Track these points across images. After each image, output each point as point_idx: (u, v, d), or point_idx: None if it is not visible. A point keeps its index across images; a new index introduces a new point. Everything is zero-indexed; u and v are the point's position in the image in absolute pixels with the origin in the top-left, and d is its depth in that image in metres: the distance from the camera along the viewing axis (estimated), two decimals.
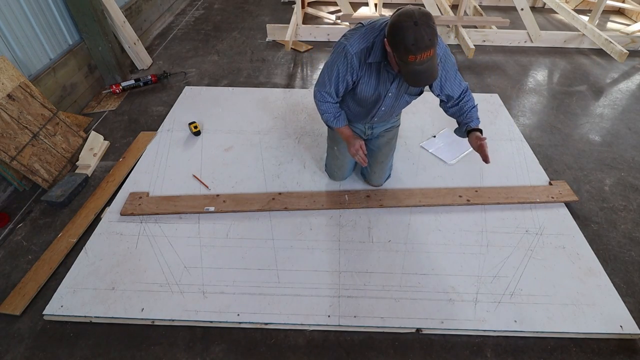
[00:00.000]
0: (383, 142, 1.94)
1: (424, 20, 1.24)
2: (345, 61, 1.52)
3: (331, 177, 2.08)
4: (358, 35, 1.50)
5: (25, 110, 2.02)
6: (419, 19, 1.24)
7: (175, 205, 1.91)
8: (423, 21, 1.24)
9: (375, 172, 1.98)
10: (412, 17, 1.24)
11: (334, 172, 2.05)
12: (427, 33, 1.24)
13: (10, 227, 1.87)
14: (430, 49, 1.27)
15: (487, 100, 2.79)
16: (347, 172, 2.06)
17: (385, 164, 1.96)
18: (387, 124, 1.93)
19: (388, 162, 1.98)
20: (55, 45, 2.48)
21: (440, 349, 1.44)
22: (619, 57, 3.10)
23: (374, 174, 1.98)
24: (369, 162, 1.98)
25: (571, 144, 2.45)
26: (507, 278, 1.63)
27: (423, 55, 1.28)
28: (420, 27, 1.23)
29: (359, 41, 1.50)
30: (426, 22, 1.25)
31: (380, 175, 1.98)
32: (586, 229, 1.88)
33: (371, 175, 2.00)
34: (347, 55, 1.51)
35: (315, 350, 1.43)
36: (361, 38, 1.50)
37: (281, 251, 1.73)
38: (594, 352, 1.44)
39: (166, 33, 3.84)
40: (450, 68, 1.58)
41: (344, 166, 2.02)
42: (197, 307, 1.51)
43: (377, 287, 1.59)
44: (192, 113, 2.60)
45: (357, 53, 1.50)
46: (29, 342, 1.44)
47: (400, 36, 1.26)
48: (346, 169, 2.03)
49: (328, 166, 2.08)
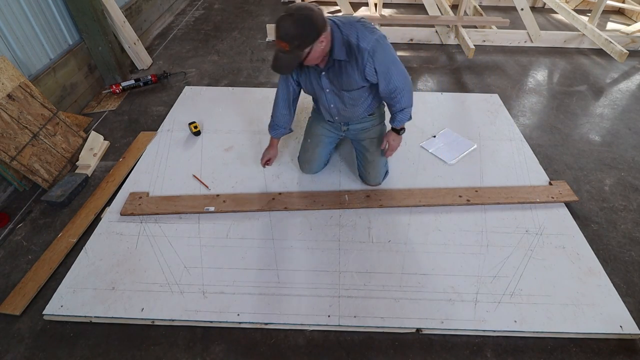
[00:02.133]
0: (367, 143, 1.95)
1: (290, 14, 1.34)
2: None
3: (302, 168, 2.11)
4: None
5: (25, 110, 2.02)
6: (290, 12, 1.34)
7: (175, 205, 1.91)
8: (289, 14, 1.34)
9: (369, 173, 1.98)
10: (291, 9, 1.35)
11: (304, 164, 2.08)
12: (286, 27, 1.34)
13: (10, 227, 1.87)
14: (282, 41, 1.36)
15: (487, 100, 2.79)
16: (317, 166, 2.08)
17: (376, 163, 1.95)
18: (365, 123, 1.93)
19: (379, 161, 1.96)
20: (55, 45, 2.48)
21: (440, 349, 1.44)
22: (619, 57, 3.10)
23: (368, 174, 1.99)
24: (362, 164, 2.00)
25: (571, 144, 2.45)
26: (507, 278, 1.63)
27: (279, 44, 1.39)
28: (285, 19, 1.34)
29: None
30: (294, 18, 1.33)
31: (374, 175, 1.98)
32: (586, 229, 1.88)
33: (366, 175, 2.00)
34: None
35: (315, 350, 1.43)
36: None
37: (281, 251, 1.73)
38: (594, 352, 1.44)
39: (166, 33, 3.84)
40: (382, 64, 1.56)
41: (312, 160, 2.04)
42: (197, 307, 1.51)
43: (377, 287, 1.59)
44: (192, 113, 2.60)
45: None
46: (29, 342, 1.45)
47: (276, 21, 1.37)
48: (315, 163, 2.05)
49: (300, 158, 2.11)
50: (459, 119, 2.58)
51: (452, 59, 3.45)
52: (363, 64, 1.54)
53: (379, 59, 1.54)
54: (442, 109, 2.67)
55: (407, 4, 4.59)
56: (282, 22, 1.35)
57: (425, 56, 3.48)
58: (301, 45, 1.38)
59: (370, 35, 1.49)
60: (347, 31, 1.50)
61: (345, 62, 1.56)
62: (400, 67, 1.62)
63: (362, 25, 1.51)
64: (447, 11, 3.75)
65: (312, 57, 1.46)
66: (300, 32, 1.35)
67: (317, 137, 2.02)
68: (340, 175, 2.12)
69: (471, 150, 2.29)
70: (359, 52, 1.51)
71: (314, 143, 2.03)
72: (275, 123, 1.93)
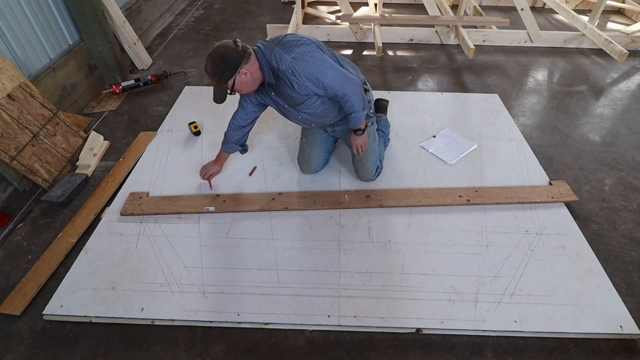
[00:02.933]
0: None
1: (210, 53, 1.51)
2: None
3: (301, 169, 2.13)
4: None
5: (25, 110, 2.02)
6: (210, 51, 1.52)
7: (175, 205, 1.91)
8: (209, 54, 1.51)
9: (359, 170, 2.03)
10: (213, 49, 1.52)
11: (302, 164, 2.11)
12: (206, 65, 1.52)
13: (10, 227, 1.87)
14: (210, 75, 1.53)
15: (487, 100, 2.79)
16: (316, 166, 2.09)
17: (365, 160, 1.96)
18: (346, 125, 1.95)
19: (368, 158, 1.96)
20: (55, 45, 2.48)
21: (440, 349, 1.44)
22: (619, 57, 3.10)
23: (358, 171, 2.04)
24: (353, 161, 2.04)
25: (571, 144, 2.45)
26: (507, 278, 1.63)
27: (210, 79, 1.55)
28: (207, 58, 1.52)
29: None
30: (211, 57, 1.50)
31: (364, 171, 2.01)
32: (586, 229, 1.88)
33: (357, 172, 2.06)
34: None
35: (315, 350, 1.43)
36: None
37: (281, 251, 1.73)
38: (594, 352, 1.44)
39: (166, 33, 3.84)
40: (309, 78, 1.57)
41: (310, 160, 2.06)
42: (197, 307, 1.51)
43: (377, 287, 1.59)
44: (192, 113, 2.60)
45: None
46: (29, 342, 1.45)
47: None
48: (314, 163, 2.07)
49: (298, 158, 2.14)
50: (459, 119, 2.58)
51: (452, 59, 3.45)
52: (290, 83, 1.59)
53: (302, 74, 1.56)
54: (442, 109, 2.68)
55: (407, 4, 4.59)
56: (206, 61, 1.53)
57: (425, 56, 3.48)
58: (222, 79, 1.52)
59: (286, 56, 1.53)
60: (269, 56, 1.57)
61: (278, 84, 1.63)
62: (332, 74, 1.59)
63: (280, 46, 1.56)
64: (447, 11, 3.75)
65: (242, 87, 1.59)
66: (216, 69, 1.50)
67: (312, 137, 2.04)
68: (340, 175, 2.12)
69: (471, 150, 2.28)
70: (282, 74, 1.57)
71: (310, 142, 2.05)
72: (227, 138, 1.95)
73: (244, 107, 1.85)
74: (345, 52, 3.55)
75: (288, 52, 1.54)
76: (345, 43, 3.69)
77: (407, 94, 2.84)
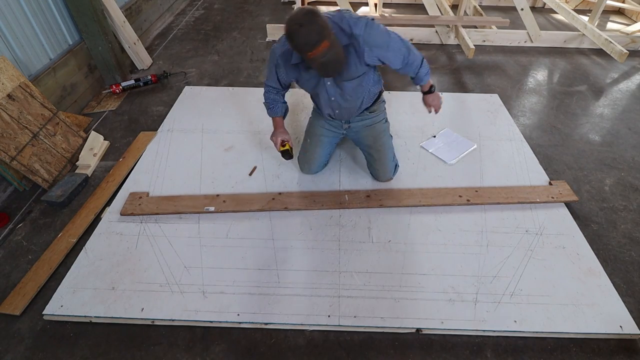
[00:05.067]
0: (371, 140, 1.97)
1: (307, 20, 1.35)
2: (274, 60, 1.71)
3: (301, 169, 2.12)
4: (283, 38, 1.61)
5: (25, 110, 2.02)
6: (303, 20, 1.36)
7: (175, 205, 1.91)
8: (306, 20, 1.35)
9: (378, 169, 2.01)
10: (296, 20, 1.37)
11: (303, 164, 2.09)
12: (313, 30, 1.35)
13: (10, 227, 1.87)
14: (321, 43, 1.38)
15: (487, 100, 2.79)
16: (316, 167, 2.08)
17: (383, 159, 1.98)
18: (366, 120, 1.95)
19: (387, 157, 1.98)
20: (55, 45, 2.48)
21: (440, 349, 1.44)
22: (619, 57, 3.10)
23: (378, 171, 2.02)
24: (371, 162, 2.02)
25: (571, 144, 2.45)
26: (507, 278, 1.63)
27: (318, 50, 1.39)
28: (305, 27, 1.35)
29: (282, 44, 1.65)
30: (309, 20, 1.35)
31: (384, 171, 2.01)
32: (586, 229, 1.88)
33: (376, 172, 2.03)
34: (273, 56, 1.71)
35: (315, 350, 1.43)
36: (284, 41, 1.63)
37: (281, 251, 1.73)
38: (594, 352, 1.44)
39: (166, 33, 3.84)
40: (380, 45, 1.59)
41: (312, 161, 2.05)
42: (197, 307, 1.51)
43: (377, 287, 1.59)
44: (192, 113, 2.60)
45: (280, 55, 1.67)
46: (29, 342, 1.45)
47: (293, 40, 1.40)
48: (315, 164, 2.06)
49: (299, 158, 2.12)
50: (459, 119, 2.58)
51: (452, 59, 3.45)
52: (361, 50, 1.57)
53: (374, 41, 1.57)
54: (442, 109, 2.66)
55: (407, 4, 4.59)
56: (304, 31, 1.35)
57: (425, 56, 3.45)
58: (331, 33, 1.42)
59: (359, 21, 1.53)
60: (339, 20, 1.54)
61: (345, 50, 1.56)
62: (395, 36, 1.64)
63: (349, 14, 1.57)
64: (447, 11, 3.75)
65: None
66: (322, 24, 1.38)
67: (317, 138, 2.02)
68: (340, 175, 2.12)
69: (471, 150, 2.28)
70: (354, 38, 1.54)
71: (314, 143, 2.03)
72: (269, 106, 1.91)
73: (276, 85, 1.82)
74: None
75: (359, 19, 1.53)
76: None
77: (407, 94, 2.84)
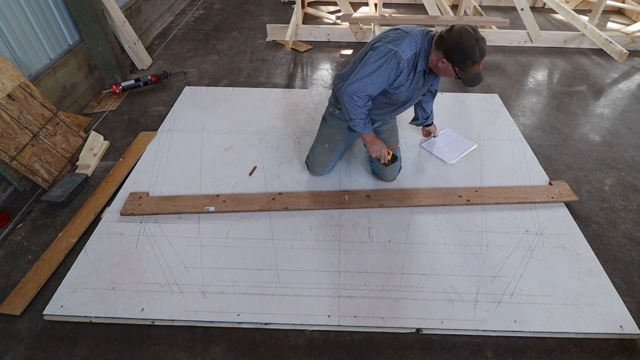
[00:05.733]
0: (384, 138, 2.02)
1: (479, 36, 1.50)
2: (397, 67, 1.62)
3: (312, 172, 2.09)
4: (407, 41, 1.59)
5: (25, 110, 2.02)
6: (477, 35, 1.50)
7: (175, 205, 1.91)
8: (479, 36, 1.50)
9: (385, 169, 2.00)
10: (472, 35, 1.49)
11: (317, 167, 2.06)
12: (485, 45, 1.52)
13: (10, 227, 1.87)
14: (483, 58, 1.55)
15: (487, 100, 2.79)
16: (329, 169, 2.09)
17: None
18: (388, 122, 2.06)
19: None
20: (55, 45, 2.48)
21: (440, 349, 1.44)
22: (619, 57, 3.10)
23: (384, 170, 2.00)
24: (375, 164, 2.03)
25: (571, 144, 2.45)
26: (507, 278, 1.63)
27: (482, 63, 1.55)
28: (481, 42, 1.50)
29: (409, 48, 1.60)
30: (480, 37, 1.50)
31: (390, 170, 2.01)
32: (586, 229, 1.88)
33: (382, 172, 2.02)
34: (399, 62, 1.60)
35: (315, 350, 1.43)
36: (410, 45, 1.60)
37: (281, 251, 1.73)
38: (594, 352, 1.44)
39: (166, 33, 3.84)
40: None
41: (327, 163, 2.05)
42: (197, 307, 1.51)
43: (377, 287, 1.59)
44: (192, 113, 2.60)
45: (408, 59, 1.61)
46: (29, 342, 1.44)
47: (468, 52, 1.49)
48: (329, 166, 2.07)
49: (312, 161, 2.07)
50: (459, 119, 2.58)
51: None
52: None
53: None
54: (442, 109, 2.67)
55: (407, 4, 4.59)
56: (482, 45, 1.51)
57: None
58: None
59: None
60: None
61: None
62: None
63: None
64: (447, 11, 3.75)
65: None
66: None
67: (336, 143, 2.03)
68: (340, 175, 2.12)
69: (471, 150, 2.28)
70: None
71: (332, 148, 2.03)
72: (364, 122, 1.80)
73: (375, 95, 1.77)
74: (345, 52, 3.55)
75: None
76: (345, 43, 3.69)
77: None
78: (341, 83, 1.85)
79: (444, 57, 1.56)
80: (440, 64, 1.59)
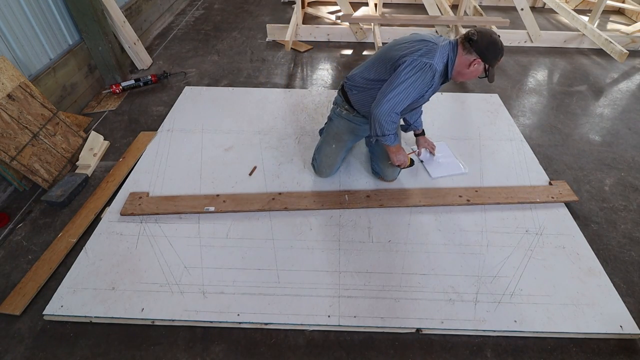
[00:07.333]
0: None
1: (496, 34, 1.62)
2: (432, 80, 1.64)
3: (320, 173, 2.08)
4: (439, 54, 1.62)
5: (25, 110, 2.02)
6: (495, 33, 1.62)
7: (175, 205, 1.91)
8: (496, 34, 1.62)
9: (387, 169, 2.01)
10: (492, 33, 1.62)
11: (324, 169, 2.05)
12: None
13: (10, 227, 1.87)
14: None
15: (487, 100, 2.79)
16: (335, 170, 2.09)
17: None
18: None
19: None
20: (55, 45, 2.48)
21: (440, 349, 1.44)
22: (619, 57, 3.10)
23: (386, 170, 2.01)
24: (380, 161, 2.03)
25: (571, 144, 2.45)
26: (507, 278, 1.63)
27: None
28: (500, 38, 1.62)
29: (441, 60, 1.64)
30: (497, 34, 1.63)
31: (392, 170, 2.01)
32: (586, 229, 1.88)
33: (384, 172, 2.02)
34: (435, 75, 1.63)
35: (315, 350, 1.43)
36: (442, 56, 1.64)
37: (281, 251, 1.73)
38: (594, 352, 1.44)
39: (166, 33, 3.84)
40: None
41: (334, 164, 2.05)
42: (197, 307, 1.51)
43: (377, 287, 1.59)
44: (192, 113, 2.60)
45: (441, 71, 1.65)
46: (29, 342, 1.44)
47: (499, 48, 1.60)
48: (335, 167, 2.07)
49: (320, 163, 2.05)
50: (459, 119, 2.58)
51: None
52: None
53: None
54: (442, 109, 2.67)
55: (407, 4, 4.59)
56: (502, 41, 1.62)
57: None
58: None
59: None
60: None
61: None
62: None
63: None
64: (447, 11, 3.75)
65: None
66: None
67: (344, 143, 2.03)
68: (340, 175, 2.12)
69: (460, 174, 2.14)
70: None
71: (339, 148, 2.03)
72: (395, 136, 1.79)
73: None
74: (345, 52, 3.55)
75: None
76: (345, 43, 3.69)
77: None
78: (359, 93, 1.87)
79: (479, 58, 1.61)
80: (472, 66, 1.63)
